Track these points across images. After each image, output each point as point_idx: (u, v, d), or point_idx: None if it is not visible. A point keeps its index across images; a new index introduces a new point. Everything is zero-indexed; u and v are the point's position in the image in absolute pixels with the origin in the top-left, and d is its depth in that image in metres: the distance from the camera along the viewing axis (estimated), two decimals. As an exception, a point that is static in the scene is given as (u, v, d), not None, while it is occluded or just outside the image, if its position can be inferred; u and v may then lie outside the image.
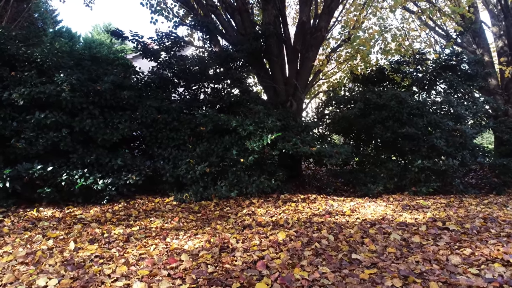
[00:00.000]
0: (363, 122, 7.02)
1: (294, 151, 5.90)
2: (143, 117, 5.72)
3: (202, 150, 5.73)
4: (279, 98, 7.64)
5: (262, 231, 3.90)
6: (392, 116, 6.75)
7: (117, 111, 5.67)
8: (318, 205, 5.42)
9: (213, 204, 5.30)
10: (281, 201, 5.61)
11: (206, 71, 6.52)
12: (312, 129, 6.58)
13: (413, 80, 7.75)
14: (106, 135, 5.28)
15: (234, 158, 5.63)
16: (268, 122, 5.93)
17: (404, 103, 6.74)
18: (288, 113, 7.09)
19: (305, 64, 7.65)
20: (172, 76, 6.62)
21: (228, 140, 5.88)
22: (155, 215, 4.78)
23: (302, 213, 4.95)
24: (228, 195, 5.50)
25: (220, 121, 5.84)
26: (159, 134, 5.95)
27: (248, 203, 5.44)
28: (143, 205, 5.27)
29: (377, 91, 7.27)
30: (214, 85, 7.02)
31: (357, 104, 6.89)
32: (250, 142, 5.65)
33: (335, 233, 3.80)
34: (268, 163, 6.19)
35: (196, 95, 6.93)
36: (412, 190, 6.40)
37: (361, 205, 5.45)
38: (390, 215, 4.72)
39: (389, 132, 6.70)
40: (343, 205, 5.40)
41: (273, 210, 5.07)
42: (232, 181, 5.63)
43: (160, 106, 5.99)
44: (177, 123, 6.05)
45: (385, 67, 8.32)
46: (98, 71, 5.69)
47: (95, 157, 5.29)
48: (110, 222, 4.47)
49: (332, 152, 5.95)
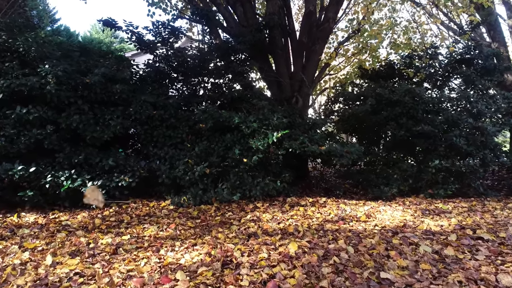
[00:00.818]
0: (375, 119, 6.54)
1: (302, 150, 5.42)
2: (137, 113, 5.24)
3: (202, 149, 5.25)
4: (284, 94, 7.17)
5: (270, 241, 3.41)
6: (406, 113, 6.27)
7: (108, 106, 5.19)
8: (329, 209, 4.93)
9: (214, 208, 4.82)
10: (288, 205, 5.13)
11: (205, 64, 6.04)
12: (320, 126, 6.10)
13: (426, 75, 7.27)
14: (96, 133, 4.80)
15: (236, 158, 5.15)
16: (273, 118, 5.45)
17: (419, 99, 6.26)
18: (294, 110, 6.62)
19: (312, 57, 7.18)
20: (169, 70, 6.14)
21: (229, 138, 5.40)
22: (149, 221, 4.29)
23: (312, 218, 4.46)
24: (230, 199, 5.01)
25: (221, 117, 5.36)
26: (154, 131, 5.47)
27: (252, 207, 4.95)
28: (136, 210, 4.79)
29: (389, 86, 6.79)
30: (214, 80, 6.54)
31: (368, 100, 6.41)
32: (254, 141, 5.17)
33: (354, 243, 3.31)
34: (273, 164, 5.71)
35: (195, 90, 6.45)
36: (428, 192, 5.92)
37: (376, 209, 4.96)
38: (411, 222, 4.24)
39: (403, 130, 6.22)
40: (357, 210, 4.91)
41: (280, 215, 4.59)
42: (234, 183, 5.15)
43: (156, 102, 5.51)
44: (174, 120, 5.57)
45: (395, 62, 7.86)
46: (88, 63, 5.20)
47: (83, 157, 4.80)
48: (99, 230, 3.99)
49: (343, 152, 5.47)
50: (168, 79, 6.19)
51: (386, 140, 7.68)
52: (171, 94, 6.22)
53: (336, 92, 7.70)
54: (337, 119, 7.25)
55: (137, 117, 5.24)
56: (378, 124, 6.57)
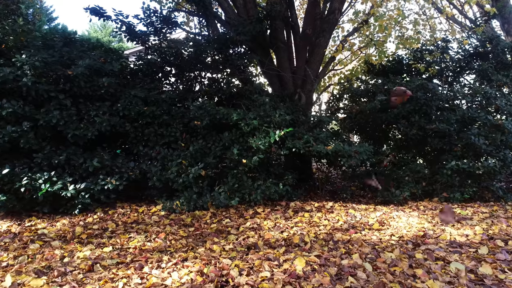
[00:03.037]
0: (384, 117, 6.07)
1: (306, 150, 4.95)
2: (126, 110, 4.77)
3: (197, 149, 4.78)
4: (286, 90, 6.70)
5: (272, 255, 2.94)
6: (419, 110, 5.80)
7: (94, 101, 4.72)
8: (337, 215, 4.46)
9: (210, 214, 4.35)
10: (292, 210, 4.66)
11: (202, 57, 5.57)
12: (326, 124, 5.64)
13: (437, 70, 6.80)
14: (79, 130, 4.33)
15: (235, 158, 4.68)
16: (275, 115, 4.99)
17: (433, 95, 5.79)
18: (297, 107, 6.15)
19: (316, 51, 6.71)
20: (162, 63, 5.67)
21: (228, 137, 4.93)
22: (136, 230, 3.82)
23: (319, 226, 3.99)
24: (227, 204, 4.54)
25: (218, 114, 4.89)
26: (145, 129, 5.00)
27: (252, 213, 4.48)
28: (123, 216, 4.31)
29: (399, 81, 6.32)
30: (211, 74, 6.08)
31: (377, 96, 5.94)
32: (254, 140, 4.71)
33: (371, 258, 2.84)
34: (275, 165, 5.24)
35: (191, 85, 5.98)
36: (443, 196, 5.45)
37: (388, 215, 4.49)
38: (431, 230, 3.77)
39: (415, 128, 5.75)
40: (368, 216, 4.44)
41: (283, 222, 4.12)
42: (232, 186, 4.68)
43: (147, 97, 5.04)
44: (167, 117, 5.10)
45: (403, 57, 7.41)
46: (72, 53, 4.73)
47: (65, 157, 4.33)
48: (78, 240, 3.51)
49: (351, 152, 5.00)
50: (161, 72, 5.72)
51: (395, 140, 7.23)
52: (165, 89, 5.74)
53: (341, 88, 7.23)
54: (342, 116, 6.78)
55: (125, 113, 4.77)
56: (388, 122, 6.10)
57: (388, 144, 7.36)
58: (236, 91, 5.82)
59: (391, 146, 7.12)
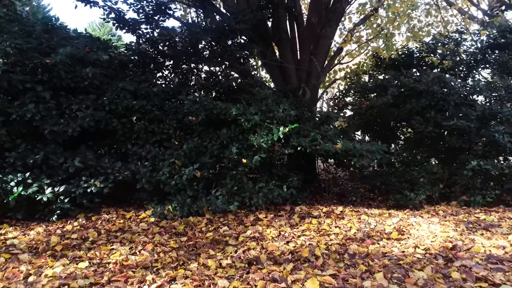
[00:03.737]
0: (396, 112, 5.58)
1: (313, 149, 4.47)
2: (113, 104, 4.28)
3: (191, 148, 4.29)
4: (289, 85, 6.22)
5: (278, 274, 2.45)
6: (435, 105, 5.31)
7: (76, 94, 4.23)
8: (348, 222, 3.97)
9: (205, 221, 3.85)
10: (297, 216, 4.16)
11: (198, 47, 5.09)
12: (334, 121, 5.15)
13: (452, 63, 6.32)
14: (57, 126, 3.84)
15: (234, 158, 4.20)
16: (278, 110, 4.50)
17: (451, 89, 5.31)
18: (301, 102, 5.66)
19: (321, 43, 6.22)
20: (154, 53, 5.18)
21: (226, 134, 4.44)
22: (120, 240, 3.33)
23: (330, 235, 3.50)
24: (225, 209, 4.05)
25: (215, 109, 4.41)
26: (135, 126, 4.51)
27: (253, 219, 3.99)
28: (108, 223, 3.82)
29: (412, 75, 5.84)
30: (209, 67, 5.59)
31: (389, 91, 5.45)
32: (255, 137, 4.22)
33: (399, 279, 2.35)
34: (278, 165, 4.76)
35: (186, 79, 5.49)
36: (462, 199, 4.96)
37: (406, 222, 4.00)
38: (459, 240, 3.28)
39: (431, 125, 5.26)
40: (383, 223, 3.95)
41: (289, 230, 3.63)
42: (231, 189, 4.19)
43: (137, 90, 4.55)
44: (159, 112, 4.62)
45: (414, 50, 6.93)
46: (52, 41, 4.24)
47: (42, 157, 3.84)
48: (52, 252, 3.03)
49: (363, 151, 4.51)
50: (154, 64, 5.23)
51: (405, 138, 6.75)
52: (157, 82, 5.25)
53: (348, 83, 6.75)
54: (350, 113, 6.30)
55: (112, 108, 4.28)
56: (400, 118, 5.61)
57: (397, 143, 6.89)
58: (236, 85, 5.34)
59: (400, 145, 6.65)
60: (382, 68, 6.96)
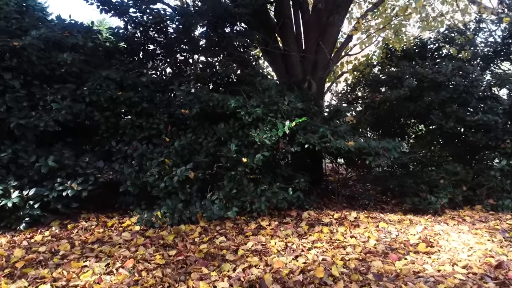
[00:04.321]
0: (413, 107, 5.04)
1: (322, 146, 3.93)
2: (94, 94, 3.73)
3: (184, 145, 3.75)
4: (294, 77, 5.68)
5: (289, 304, 1.91)
6: (457, 98, 4.77)
7: (51, 83, 3.69)
8: (365, 230, 3.44)
9: (199, 230, 3.31)
10: (306, 223, 3.63)
11: (192, 32, 4.55)
12: (344, 115, 4.60)
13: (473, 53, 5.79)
14: (26, 119, 3.30)
15: (232, 156, 3.66)
16: (283, 102, 3.96)
17: (474, 80, 4.77)
18: (307, 96, 5.13)
19: (329, 31, 5.68)
20: (144, 40, 4.64)
21: (223, 129, 3.90)
22: (96, 254, 2.79)
23: (346, 247, 2.96)
24: (223, 215, 3.51)
25: (211, 101, 3.86)
26: (120, 120, 3.97)
27: (254, 227, 3.45)
28: (86, 232, 3.28)
29: (429, 65, 5.31)
30: (205, 57, 5.05)
31: (405, 82, 4.92)
32: (257, 133, 3.68)
33: (447, 313, 1.81)
34: (283, 165, 4.22)
35: (180, 69, 4.95)
36: (488, 203, 4.44)
37: (431, 230, 3.46)
38: (502, 255, 2.74)
39: (452, 120, 4.73)
40: (406, 232, 3.42)
41: (296, 241, 3.09)
42: (229, 193, 3.65)
43: (123, 80, 4.01)
44: (148, 104, 4.08)
45: (427, 42, 6.42)
46: (24, 22, 3.70)
47: (10, 155, 3.30)
48: (10, 270, 2.49)
49: (379, 149, 3.98)
50: (143, 52, 4.69)
51: (419, 136, 6.22)
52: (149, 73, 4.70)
53: (358, 76, 6.22)
54: (359, 109, 5.76)
55: (93, 99, 3.73)
56: (417, 113, 5.07)
57: (407, 142, 6.35)
58: (235, 76, 4.81)
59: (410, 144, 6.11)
60: (393, 60, 6.43)
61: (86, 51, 4.04)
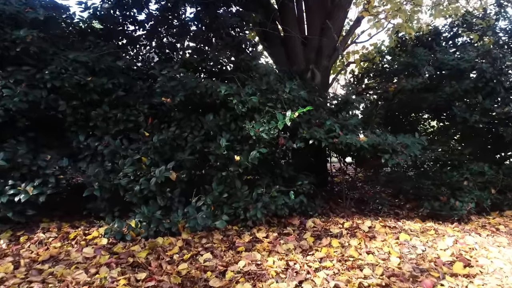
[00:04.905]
0: (432, 98, 4.43)
1: (330, 142, 3.32)
2: (58, 79, 3.11)
3: (164, 140, 3.13)
4: (296, 66, 5.07)
5: None
6: (483, 87, 4.16)
7: (5, 65, 3.07)
8: (383, 244, 2.82)
9: (180, 244, 2.69)
10: (310, 234, 3.01)
11: (178, 11, 3.93)
12: (355, 107, 3.98)
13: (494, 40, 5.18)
14: (-35, 107, 2.68)
15: (223, 154, 3.04)
16: (284, 90, 3.35)
17: (503, 67, 4.16)
18: (311, 86, 4.52)
19: (335, 15, 5.07)
20: (123, 19, 4.03)
21: (213, 122, 3.27)
22: (43, 277, 2.17)
23: (362, 268, 2.35)
24: (210, 225, 2.89)
25: (199, 88, 3.24)
26: (91, 111, 3.34)
27: (248, 240, 2.83)
28: (40, 246, 2.66)
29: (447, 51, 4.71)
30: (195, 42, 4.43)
31: (424, 70, 4.31)
32: (253, 125, 3.07)
33: None
34: (283, 164, 3.61)
35: (167, 55, 4.33)
36: (521, 209, 3.84)
37: (465, 244, 2.85)
38: None
39: (477, 113, 4.11)
40: (433, 246, 2.80)
41: (300, 259, 2.48)
42: (219, 197, 3.04)
43: (95, 64, 3.38)
44: (125, 93, 3.46)
45: (442, 29, 5.83)
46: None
47: None
48: None
49: (397, 145, 3.36)
50: (122, 33, 4.08)
51: (430, 132, 5.62)
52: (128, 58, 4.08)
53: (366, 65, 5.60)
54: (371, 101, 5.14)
55: (56, 85, 3.11)
56: (436, 105, 4.46)
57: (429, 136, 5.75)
58: (229, 63, 4.20)
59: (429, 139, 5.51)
60: (403, 49, 5.82)
61: (50, 29, 3.42)
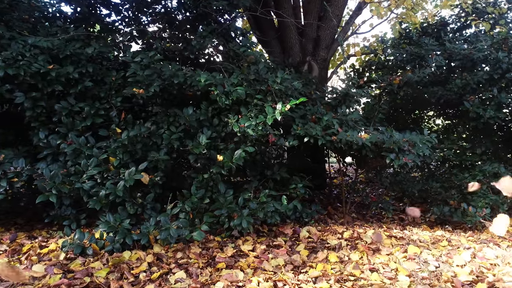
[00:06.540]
0: (440, 91, 4.00)
1: (328, 140, 2.90)
2: (13, 67, 2.69)
3: (136, 137, 2.70)
4: (291, 57, 4.67)
5: None
6: (499, 79, 3.75)
7: None
8: (389, 259, 2.40)
9: (150, 259, 2.27)
10: (304, 246, 2.59)
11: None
12: (356, 101, 3.56)
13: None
14: None
15: (203, 153, 2.62)
16: (275, 80, 2.93)
17: (520, 56, 3.75)
18: (307, 79, 4.11)
19: (334, 2, 4.65)
20: (95, 1, 3.60)
21: (192, 117, 2.84)
22: (-29, 307, 1.75)
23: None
24: (185, 237, 2.47)
25: (177, 77, 2.82)
26: (54, 104, 2.92)
27: (231, 254, 2.41)
28: (-18, 264, 2.23)
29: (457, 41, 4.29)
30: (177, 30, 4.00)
31: (431, 61, 3.88)
32: (237, 120, 2.65)
33: None
34: (274, 165, 3.19)
35: (148, 44, 3.90)
36: (541, 215, 3.40)
37: (484, 258, 2.44)
38: None
39: (492, 108, 3.70)
40: (449, 260, 2.39)
41: (291, 279, 2.06)
42: (198, 204, 2.62)
43: (59, 50, 2.96)
44: (93, 83, 3.03)
45: (449, 20, 5.43)
46: None
47: None
48: None
49: (404, 144, 2.95)
50: (94, 17, 3.64)
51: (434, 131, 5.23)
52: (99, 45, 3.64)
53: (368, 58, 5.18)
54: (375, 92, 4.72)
55: (10, 73, 2.68)
56: (445, 99, 4.03)
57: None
58: (216, 53, 3.78)
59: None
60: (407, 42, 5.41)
61: (9, 12, 2.99)
